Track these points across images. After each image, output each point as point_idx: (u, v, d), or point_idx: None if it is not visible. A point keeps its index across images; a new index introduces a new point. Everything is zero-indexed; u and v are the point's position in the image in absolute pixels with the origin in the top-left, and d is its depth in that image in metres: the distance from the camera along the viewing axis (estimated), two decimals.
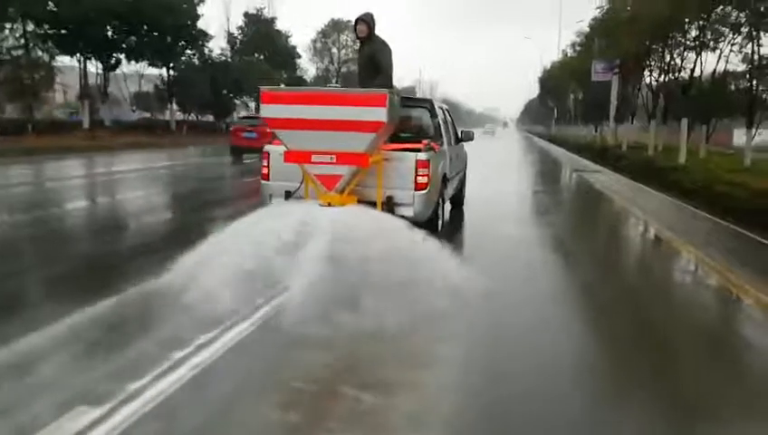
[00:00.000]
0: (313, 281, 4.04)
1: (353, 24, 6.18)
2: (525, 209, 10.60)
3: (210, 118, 40.01)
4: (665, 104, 20.16)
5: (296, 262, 4.25)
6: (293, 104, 5.21)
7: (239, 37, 44.44)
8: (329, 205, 5.19)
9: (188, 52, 34.13)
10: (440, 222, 6.78)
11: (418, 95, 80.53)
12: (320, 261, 4.16)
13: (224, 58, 36.46)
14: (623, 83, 23.42)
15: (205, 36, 33.88)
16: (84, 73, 28.11)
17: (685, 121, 13.89)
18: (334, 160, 5.20)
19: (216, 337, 3.62)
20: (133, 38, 29.64)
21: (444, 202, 7.13)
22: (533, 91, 72.00)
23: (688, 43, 17.50)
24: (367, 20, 6.01)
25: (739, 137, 21.77)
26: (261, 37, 45.39)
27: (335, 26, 65.01)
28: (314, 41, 65.00)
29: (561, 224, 9.28)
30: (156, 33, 30.44)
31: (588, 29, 23.41)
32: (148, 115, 38.31)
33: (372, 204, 5.55)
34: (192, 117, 39.21)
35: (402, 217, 5.38)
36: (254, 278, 4.28)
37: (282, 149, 5.57)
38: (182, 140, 29.93)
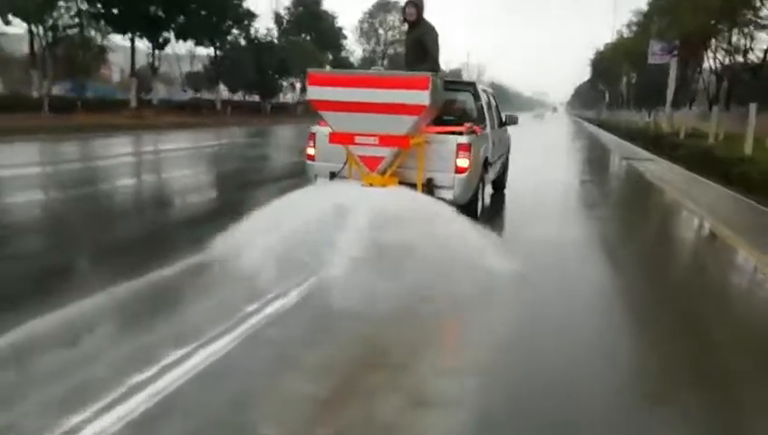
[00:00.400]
0: (353, 259, 4.16)
1: (402, 6, 6.21)
2: (570, 201, 9.89)
3: (256, 98, 40.22)
4: (728, 88, 18.84)
5: (337, 239, 4.38)
6: (339, 87, 5.37)
7: (286, 17, 44.46)
8: (371, 185, 5.35)
9: (235, 31, 34.13)
10: (479, 205, 6.75)
11: (465, 78, 79.23)
12: (359, 239, 4.30)
13: (269, 38, 36.20)
14: (682, 66, 22.02)
15: (251, 16, 34.00)
16: (132, 52, 28.59)
17: (753, 107, 12.69)
18: (377, 142, 5.32)
19: (259, 309, 3.75)
20: (181, 17, 29.78)
21: (485, 186, 7.11)
22: (584, 75, 69.51)
23: (759, 21, 16.16)
24: (417, 3, 6.05)
25: None
26: (307, 18, 45.26)
27: (382, 7, 64.18)
28: (361, 22, 64.49)
29: (609, 218, 8.67)
30: (203, 12, 30.62)
31: (646, 7, 21.90)
32: (198, 95, 38.85)
33: (413, 186, 5.62)
34: (239, 97, 39.57)
35: (442, 199, 5.46)
36: (297, 254, 4.41)
37: (327, 130, 5.70)
38: (226, 120, 30.20)
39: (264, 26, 37.02)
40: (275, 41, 41.14)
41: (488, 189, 7.79)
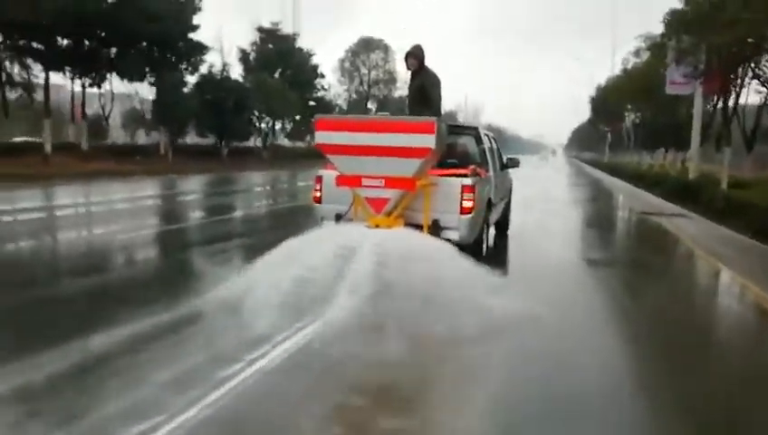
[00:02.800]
0: (358, 299, 4.33)
1: (404, 57, 6.50)
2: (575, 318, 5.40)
3: (210, 140, 36.02)
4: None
5: (344, 281, 4.52)
6: (346, 131, 5.69)
7: (252, 54, 40.93)
8: (377, 226, 5.49)
9: (185, 67, 30.17)
10: (485, 246, 6.94)
11: (461, 120, 77.32)
12: (366, 280, 4.48)
13: (225, 74, 32.25)
14: (712, 97, 17.83)
15: (201, 50, 29.99)
16: (46, 87, 24.47)
17: None
18: (383, 184, 5.52)
19: (264, 354, 3.75)
20: (113, 50, 25.86)
21: (489, 227, 7.31)
22: (581, 116, 66.16)
23: None
24: (417, 54, 6.44)
25: None
26: (278, 54, 41.81)
27: (365, 45, 61.39)
28: (342, 60, 61.47)
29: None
30: (143, 45, 26.80)
31: (662, 27, 17.84)
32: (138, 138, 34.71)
33: (419, 227, 5.76)
34: (186, 140, 35.28)
35: (448, 240, 5.62)
36: (302, 296, 4.51)
37: (332, 173, 5.98)
38: (165, 166, 25.78)
39: (223, 62, 32.68)
40: (239, 78, 37.61)
41: (492, 231, 7.87)
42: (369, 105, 63.51)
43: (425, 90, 6.41)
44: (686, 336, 4.99)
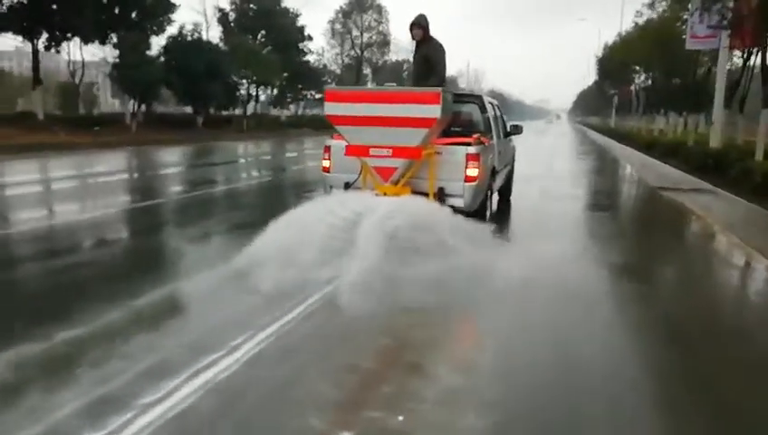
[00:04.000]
0: (368, 261, 4.56)
1: (409, 27, 6.57)
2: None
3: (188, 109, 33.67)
4: None
5: (354, 244, 4.76)
6: (354, 102, 5.83)
7: (231, 14, 38.12)
8: (384, 195, 5.77)
9: (150, 27, 27.58)
10: (488, 213, 7.10)
11: (463, 86, 74.80)
12: (374, 244, 4.70)
13: (197, 36, 29.69)
14: (742, 52, 15.52)
15: (168, 8, 27.34)
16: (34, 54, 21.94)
17: None
18: (390, 154, 5.75)
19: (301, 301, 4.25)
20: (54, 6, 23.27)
21: (492, 193, 7.49)
22: (587, 80, 63.28)
23: None
24: (422, 23, 6.54)
25: None
26: (260, 14, 39.00)
27: (357, 5, 58.09)
28: (332, 22, 58.27)
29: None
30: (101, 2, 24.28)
31: None
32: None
33: (425, 194, 5.96)
34: (161, 109, 32.89)
35: (453, 207, 5.84)
36: (314, 261, 4.76)
37: (342, 143, 6.18)
38: (124, 138, 23.56)
39: (194, 22, 30.11)
40: (219, 41, 35.03)
41: (495, 197, 7.99)
42: (365, 71, 60.92)
43: (430, 59, 6.55)
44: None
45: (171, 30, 28.93)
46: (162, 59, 28.01)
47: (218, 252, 5.94)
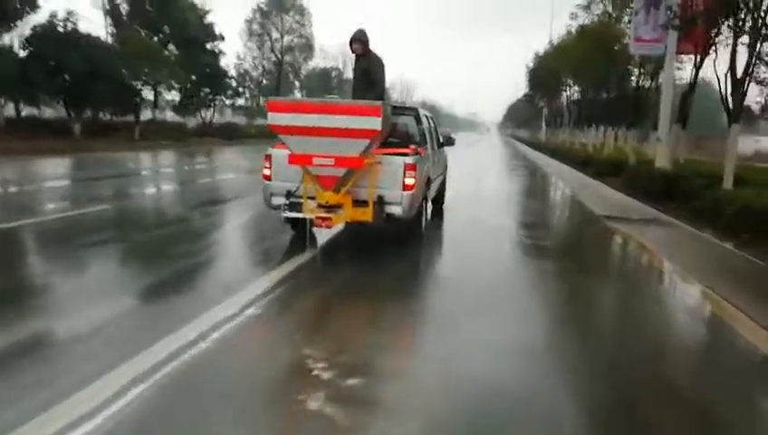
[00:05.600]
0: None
1: (349, 41, 6.94)
2: None
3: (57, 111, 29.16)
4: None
5: None
6: (297, 113, 6.05)
7: (122, 4, 33.90)
8: (326, 202, 6.17)
9: None
10: (424, 219, 7.48)
11: (395, 97, 73.23)
12: None
13: (71, 26, 25.56)
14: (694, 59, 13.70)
15: None
16: None
17: None
18: (333, 163, 6.01)
19: None
20: None
21: (427, 201, 7.76)
22: (518, 92, 62.87)
23: None
24: (362, 38, 6.92)
25: None
26: (158, 7, 35.01)
27: (277, 4, 54.73)
28: (250, 22, 54.55)
29: None
30: None
31: None
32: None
33: (365, 202, 6.37)
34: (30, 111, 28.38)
35: (391, 214, 6.45)
36: None
37: (283, 152, 6.44)
38: None
39: (67, 10, 25.89)
40: (108, 36, 30.88)
41: (429, 206, 8.08)
42: (291, 78, 57.38)
43: (369, 73, 6.97)
44: None
45: (38, 18, 24.71)
46: (23, 52, 23.76)
47: None
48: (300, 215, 6.24)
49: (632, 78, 19.20)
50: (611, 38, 16.91)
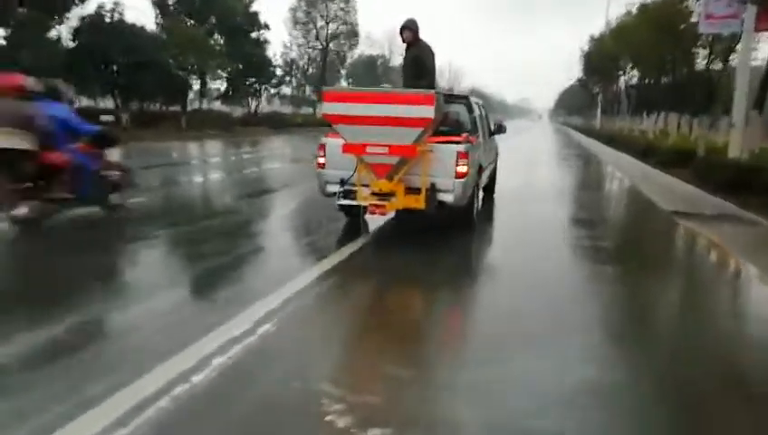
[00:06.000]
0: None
1: (399, 30, 7.12)
2: None
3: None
4: None
5: None
6: (352, 102, 6.19)
7: None
8: (380, 190, 6.38)
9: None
10: (475, 207, 7.50)
11: (442, 85, 72.07)
12: None
13: (118, 16, 25.78)
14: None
15: None
16: None
17: None
18: (387, 151, 6.17)
19: None
20: None
21: (479, 189, 7.77)
22: (570, 77, 60.54)
23: None
24: (412, 27, 7.05)
25: None
26: None
27: None
28: (294, 10, 54.41)
29: None
30: None
31: None
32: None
33: (417, 190, 6.44)
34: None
35: (443, 201, 6.51)
36: None
37: (336, 141, 6.58)
38: None
39: (114, 1, 26.17)
40: (155, 25, 31.17)
41: (480, 194, 8.05)
42: (337, 66, 57.09)
43: (420, 61, 7.05)
44: None
45: (87, 10, 25.03)
46: (72, 43, 24.11)
47: None
48: (354, 202, 6.54)
49: (698, 60, 17.79)
50: (677, 16, 15.57)
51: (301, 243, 7.03)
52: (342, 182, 6.59)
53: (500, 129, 9.62)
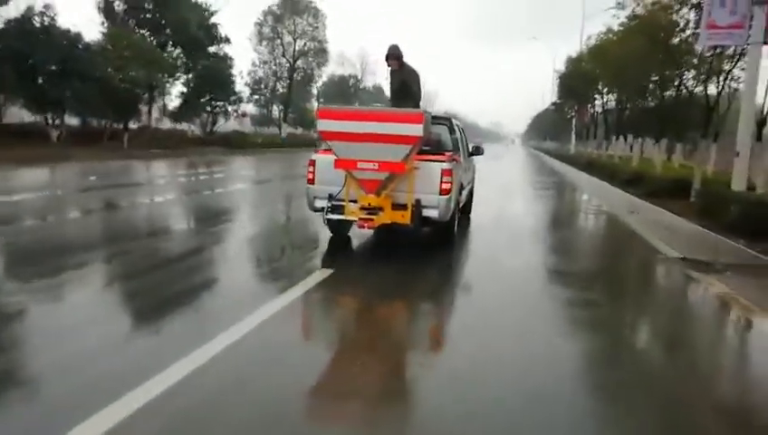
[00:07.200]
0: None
1: (384, 59, 7.58)
2: None
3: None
4: None
5: None
6: (345, 120, 6.51)
7: (116, 2, 31.66)
8: (368, 205, 6.65)
9: None
10: (456, 224, 7.89)
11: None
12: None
13: (49, 21, 23.20)
14: None
15: None
16: None
17: None
18: (377, 167, 6.43)
19: None
20: None
21: (458, 207, 8.10)
22: (545, 100, 59.56)
23: None
24: (396, 54, 7.52)
25: None
26: (157, 5, 32.75)
27: (290, 6, 52.22)
28: (260, 24, 52.07)
29: None
30: None
31: None
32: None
33: (403, 205, 6.81)
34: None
35: (428, 217, 6.87)
36: None
37: (325, 157, 7.00)
38: None
39: (44, 4, 23.61)
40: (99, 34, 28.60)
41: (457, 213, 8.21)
42: (309, 86, 54.62)
43: (406, 85, 7.55)
44: None
45: (12, 12, 22.44)
46: None
47: None
48: (342, 217, 6.84)
49: (687, 81, 16.08)
50: (670, 27, 13.76)
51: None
52: (331, 197, 6.87)
53: (477, 150, 10.09)
